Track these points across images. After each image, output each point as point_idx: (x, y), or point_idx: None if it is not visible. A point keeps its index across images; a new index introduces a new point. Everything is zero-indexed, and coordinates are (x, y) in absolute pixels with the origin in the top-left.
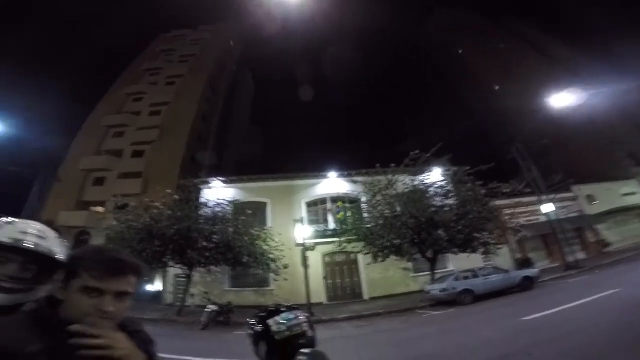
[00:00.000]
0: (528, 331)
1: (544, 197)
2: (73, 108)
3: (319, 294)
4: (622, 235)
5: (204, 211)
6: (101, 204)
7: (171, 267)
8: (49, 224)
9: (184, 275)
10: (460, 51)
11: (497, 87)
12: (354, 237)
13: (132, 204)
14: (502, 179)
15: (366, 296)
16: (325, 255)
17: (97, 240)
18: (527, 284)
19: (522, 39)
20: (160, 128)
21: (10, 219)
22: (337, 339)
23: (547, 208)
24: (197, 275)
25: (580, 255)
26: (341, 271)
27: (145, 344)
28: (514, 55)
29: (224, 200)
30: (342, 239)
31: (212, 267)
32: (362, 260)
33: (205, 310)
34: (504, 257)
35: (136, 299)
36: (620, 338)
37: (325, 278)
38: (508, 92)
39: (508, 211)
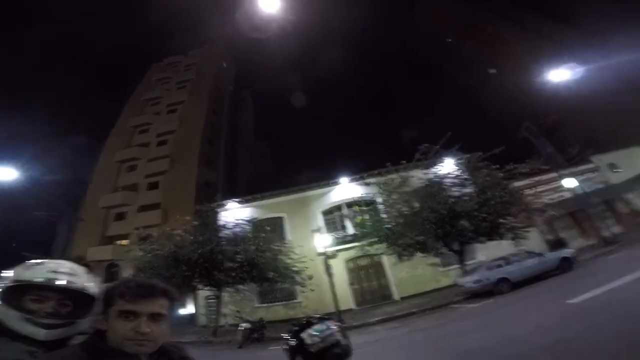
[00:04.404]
0: (579, 314)
1: (563, 172)
2: (85, 147)
3: (347, 300)
4: None
5: (224, 233)
6: (125, 237)
7: (201, 289)
8: (80, 259)
9: (213, 297)
10: (449, 40)
11: (493, 71)
12: (375, 240)
13: (155, 234)
14: (517, 160)
15: (396, 297)
16: (347, 261)
17: (126, 270)
18: (566, 265)
19: (510, 21)
20: (170, 157)
21: (39, 260)
22: (372, 343)
23: (569, 182)
24: (226, 295)
25: (616, 229)
26: (367, 275)
27: None
28: (503, 36)
29: (242, 220)
30: (363, 242)
31: (240, 286)
32: (387, 261)
33: (239, 328)
34: (534, 240)
35: (172, 323)
36: None
37: (351, 284)
38: (505, 74)
39: (529, 191)
